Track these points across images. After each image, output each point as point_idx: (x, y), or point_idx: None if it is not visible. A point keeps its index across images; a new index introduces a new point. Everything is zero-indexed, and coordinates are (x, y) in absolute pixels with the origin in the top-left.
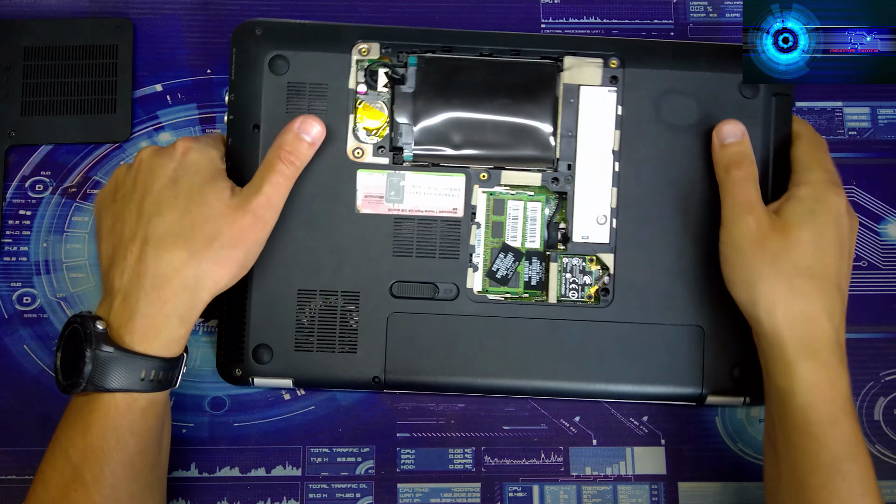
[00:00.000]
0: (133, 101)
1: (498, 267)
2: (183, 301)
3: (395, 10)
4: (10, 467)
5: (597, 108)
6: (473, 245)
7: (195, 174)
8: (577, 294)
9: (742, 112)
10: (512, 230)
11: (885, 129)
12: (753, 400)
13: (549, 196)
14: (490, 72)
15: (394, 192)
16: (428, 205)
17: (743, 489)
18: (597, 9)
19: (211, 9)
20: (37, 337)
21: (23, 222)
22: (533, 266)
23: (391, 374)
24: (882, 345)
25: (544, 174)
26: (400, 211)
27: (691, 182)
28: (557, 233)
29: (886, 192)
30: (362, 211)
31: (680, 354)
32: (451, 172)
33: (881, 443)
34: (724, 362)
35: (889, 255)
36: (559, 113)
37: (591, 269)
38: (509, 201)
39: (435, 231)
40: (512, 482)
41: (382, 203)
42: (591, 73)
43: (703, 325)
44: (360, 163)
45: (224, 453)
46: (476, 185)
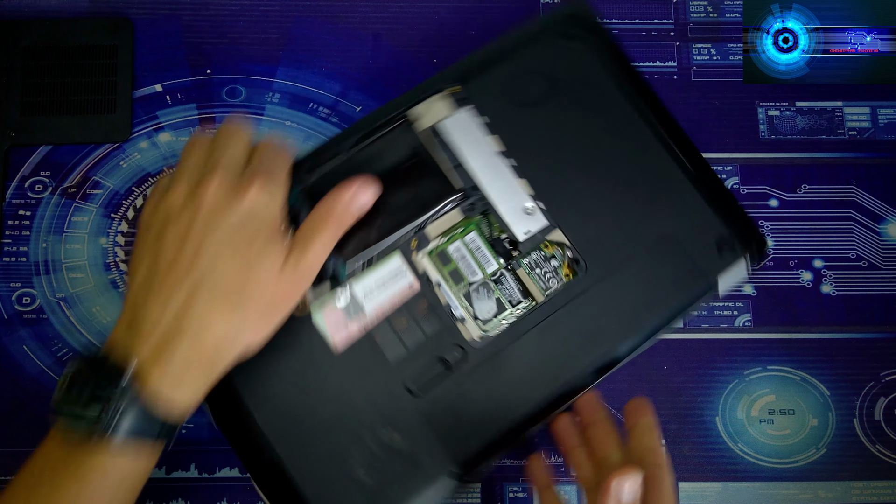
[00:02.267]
0: (133, 101)
1: (480, 310)
2: (217, 355)
3: (394, 10)
4: (10, 468)
5: (465, 130)
6: (447, 304)
7: (259, 229)
8: (557, 279)
9: (577, 59)
10: (467, 268)
11: (885, 129)
12: (753, 254)
13: (476, 221)
14: (362, 163)
15: (353, 309)
16: (388, 298)
17: (743, 489)
18: (597, 9)
19: (211, 9)
20: (36, 337)
21: (22, 222)
22: (506, 284)
23: (461, 455)
24: (882, 345)
25: (460, 207)
26: (370, 322)
27: (577, 130)
28: (503, 244)
29: (886, 192)
30: (340, 349)
31: (671, 267)
32: (385, 258)
33: (881, 443)
34: (708, 246)
35: (889, 255)
36: (436, 155)
37: (552, 252)
38: (449, 247)
39: (409, 316)
40: (512, 482)
41: (350, 325)
42: (441, 108)
43: (670, 231)
44: (307, 313)
45: (224, 454)
46: (413, 253)
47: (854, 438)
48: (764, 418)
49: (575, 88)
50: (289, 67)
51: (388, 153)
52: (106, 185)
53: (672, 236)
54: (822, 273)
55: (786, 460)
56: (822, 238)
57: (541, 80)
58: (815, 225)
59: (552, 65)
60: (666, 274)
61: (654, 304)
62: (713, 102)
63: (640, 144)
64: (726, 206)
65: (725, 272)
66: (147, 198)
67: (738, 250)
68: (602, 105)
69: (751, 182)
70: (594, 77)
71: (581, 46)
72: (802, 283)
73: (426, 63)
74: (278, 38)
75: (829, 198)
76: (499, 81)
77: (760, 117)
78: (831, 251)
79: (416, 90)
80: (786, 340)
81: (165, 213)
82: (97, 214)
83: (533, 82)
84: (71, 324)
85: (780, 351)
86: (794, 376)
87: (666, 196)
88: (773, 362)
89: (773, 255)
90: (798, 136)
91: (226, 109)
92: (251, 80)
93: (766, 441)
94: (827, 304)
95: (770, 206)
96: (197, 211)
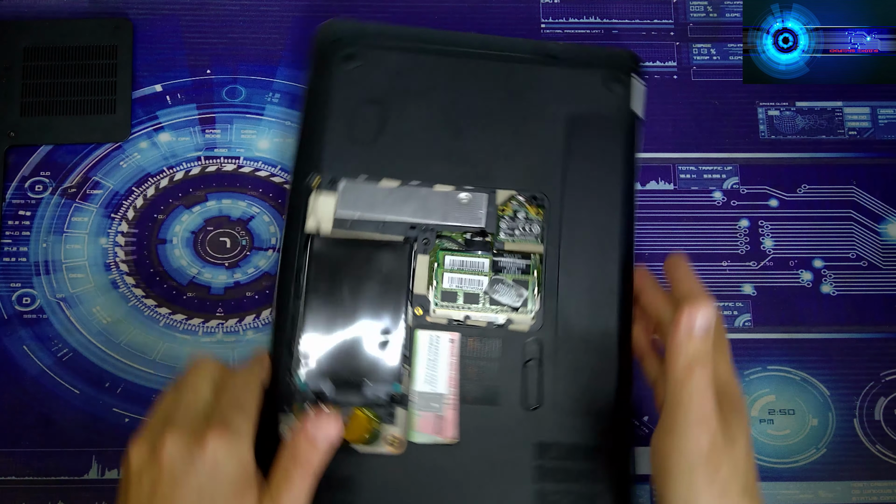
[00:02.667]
0: (133, 101)
1: (511, 301)
2: None
3: (394, 10)
4: (10, 468)
5: (356, 201)
6: (488, 323)
7: (220, 488)
8: (534, 222)
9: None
10: (471, 284)
11: (885, 129)
12: (634, 69)
13: (439, 247)
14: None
15: (433, 401)
16: (446, 368)
17: None
18: (597, 9)
19: (211, 9)
20: (36, 338)
21: (22, 223)
22: (507, 265)
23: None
24: (882, 345)
25: (417, 253)
26: (454, 396)
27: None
28: (475, 241)
29: (886, 192)
30: (457, 435)
31: (595, 131)
32: (414, 343)
33: (881, 443)
34: (602, 93)
35: (889, 255)
36: (363, 237)
37: (510, 210)
38: (443, 286)
39: (472, 361)
40: None
41: (445, 413)
42: (323, 204)
43: (573, 110)
44: (396, 445)
45: None
46: (427, 317)
47: (854, 438)
48: (764, 418)
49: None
50: (289, 67)
51: (326, 272)
52: (106, 185)
53: (575, 113)
54: (822, 273)
55: (786, 460)
56: (822, 238)
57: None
58: (815, 225)
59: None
60: (597, 144)
61: (611, 167)
62: (713, 102)
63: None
64: (588, 57)
65: (630, 98)
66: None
67: (622, 76)
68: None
69: (751, 182)
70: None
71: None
72: (802, 283)
73: None
74: (278, 38)
75: (829, 198)
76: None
77: (760, 117)
78: (831, 251)
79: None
80: (786, 340)
81: (129, 472)
82: (97, 215)
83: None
84: (71, 324)
85: (779, 351)
86: (794, 376)
87: (548, 91)
88: (772, 362)
89: (773, 255)
90: (798, 136)
91: (226, 109)
92: (251, 80)
93: (766, 441)
94: (827, 304)
95: (770, 206)
96: (159, 474)
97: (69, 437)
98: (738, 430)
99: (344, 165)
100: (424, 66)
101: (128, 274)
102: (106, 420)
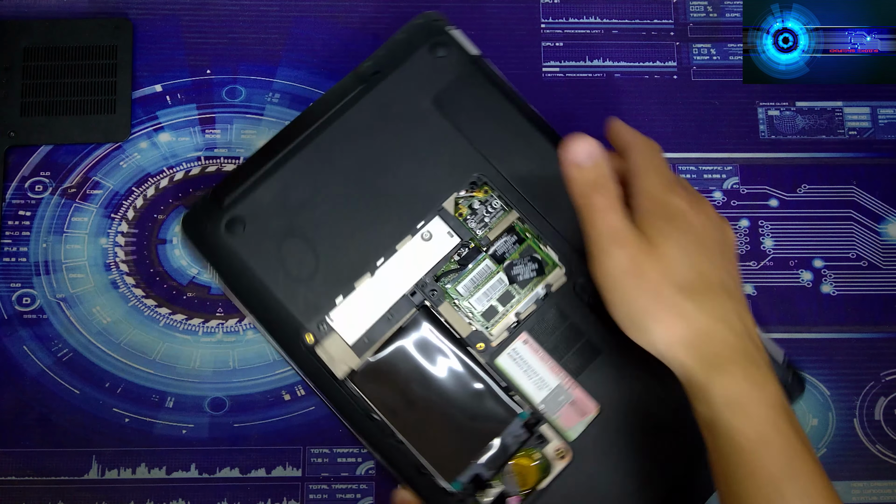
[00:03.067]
0: (133, 101)
1: (517, 265)
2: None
3: (394, 10)
4: (10, 468)
5: (352, 321)
6: (525, 299)
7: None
8: (496, 211)
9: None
10: (496, 288)
11: (885, 129)
12: None
13: (444, 290)
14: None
15: (566, 398)
16: (540, 365)
17: None
18: (597, 9)
19: (211, 9)
20: (36, 338)
21: (22, 223)
22: (503, 246)
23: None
24: (882, 345)
25: (429, 313)
26: (568, 376)
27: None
28: (468, 256)
29: (886, 192)
30: (596, 408)
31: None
32: (503, 373)
33: (881, 443)
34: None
35: (889, 255)
36: (391, 347)
37: (474, 204)
38: (475, 310)
39: (550, 335)
40: None
41: (580, 402)
42: (337, 347)
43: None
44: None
45: (224, 454)
46: (491, 343)
47: (854, 438)
48: None
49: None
50: (289, 67)
51: (388, 391)
52: (106, 185)
53: (434, 95)
54: (822, 273)
55: None
56: (822, 238)
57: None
58: (815, 225)
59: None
60: (470, 101)
61: (497, 105)
62: (713, 102)
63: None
64: (397, 48)
65: (461, 46)
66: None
67: (440, 38)
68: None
69: (751, 182)
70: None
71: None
72: (802, 283)
73: None
74: (278, 38)
75: (829, 198)
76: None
77: (760, 117)
78: (831, 251)
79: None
80: (786, 340)
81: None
82: (97, 215)
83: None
84: (71, 324)
85: None
86: None
87: (398, 102)
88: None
89: (773, 254)
90: (798, 136)
91: (226, 109)
92: (251, 80)
93: None
94: (827, 304)
95: (770, 206)
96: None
97: (69, 438)
98: (662, 235)
99: (316, 302)
100: (291, 179)
101: (128, 274)
102: (106, 420)
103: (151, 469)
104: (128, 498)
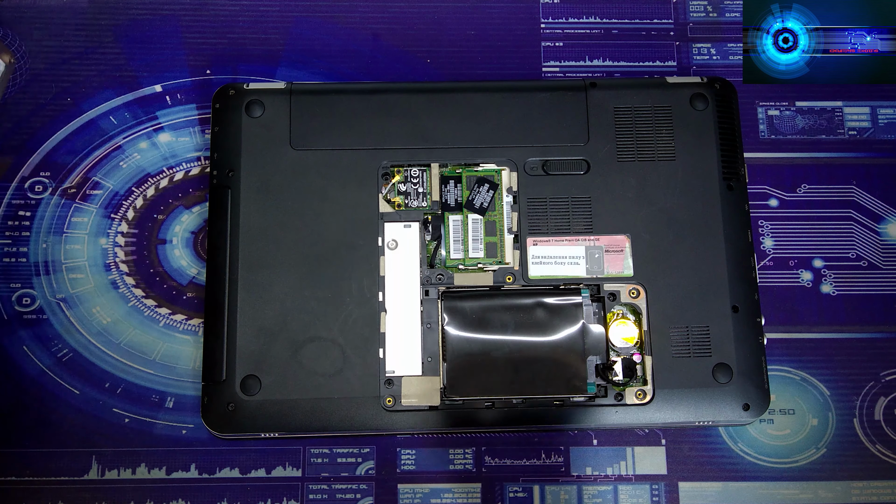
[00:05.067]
0: (133, 101)
1: (474, 197)
2: None
3: (394, 10)
4: (10, 468)
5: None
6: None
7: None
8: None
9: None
10: (476, 230)
11: (885, 129)
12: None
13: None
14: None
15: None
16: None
17: (743, 489)
18: (597, 9)
19: (211, 9)
20: (36, 338)
21: (22, 223)
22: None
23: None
24: (882, 345)
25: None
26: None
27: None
28: (439, 223)
29: (886, 192)
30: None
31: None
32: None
33: (881, 443)
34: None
35: (889, 255)
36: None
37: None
38: (471, 249)
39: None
40: (512, 482)
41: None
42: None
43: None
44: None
45: (224, 454)
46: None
47: (854, 438)
48: (764, 418)
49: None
50: (289, 67)
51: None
52: (106, 185)
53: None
54: (822, 273)
55: (786, 460)
56: (822, 238)
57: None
58: (815, 225)
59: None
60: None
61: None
62: None
63: None
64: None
65: None
66: None
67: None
68: None
69: (751, 182)
70: None
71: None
72: (802, 283)
73: (425, 63)
74: (278, 38)
75: (829, 198)
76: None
77: (760, 117)
78: (831, 251)
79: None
80: (786, 340)
81: None
82: (97, 215)
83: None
84: (71, 324)
85: (780, 351)
86: (794, 376)
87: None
88: (773, 362)
89: (773, 255)
90: (798, 136)
91: None
92: (251, 80)
93: (767, 441)
94: (827, 304)
95: (770, 206)
96: None
97: (69, 438)
98: None
99: (365, 373)
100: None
101: (128, 274)
102: (106, 420)
103: (151, 469)
104: (128, 498)
